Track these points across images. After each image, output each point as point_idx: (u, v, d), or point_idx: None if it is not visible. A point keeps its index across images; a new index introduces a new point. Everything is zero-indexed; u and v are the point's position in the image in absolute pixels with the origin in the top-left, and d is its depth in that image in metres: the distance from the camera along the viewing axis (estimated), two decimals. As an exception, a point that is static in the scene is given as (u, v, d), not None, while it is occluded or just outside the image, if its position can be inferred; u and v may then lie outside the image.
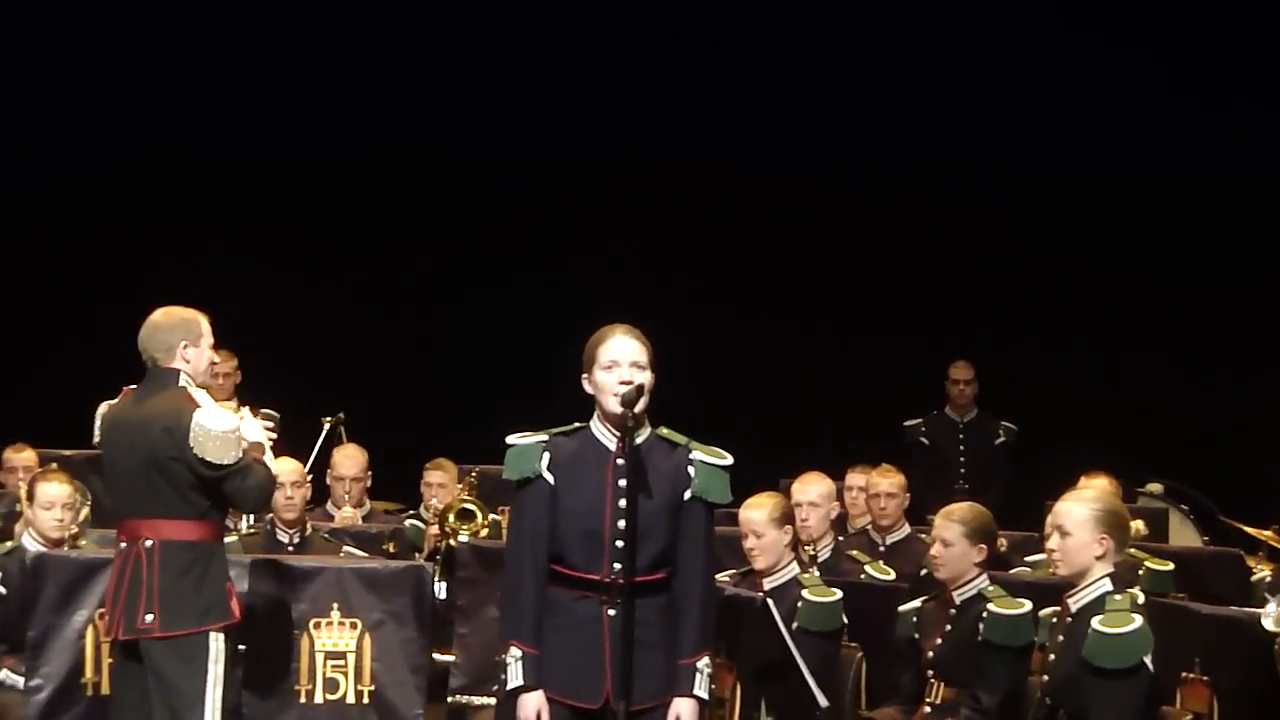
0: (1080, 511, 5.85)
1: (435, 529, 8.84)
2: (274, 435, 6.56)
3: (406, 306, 12.45)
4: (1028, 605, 6.54)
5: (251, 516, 8.71)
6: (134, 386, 6.45)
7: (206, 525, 6.31)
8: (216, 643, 6.24)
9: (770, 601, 6.60)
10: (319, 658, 6.94)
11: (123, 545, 6.31)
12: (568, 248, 12.23)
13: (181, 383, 6.34)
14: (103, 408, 6.49)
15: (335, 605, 6.97)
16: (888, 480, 8.91)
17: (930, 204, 12.22)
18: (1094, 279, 12.07)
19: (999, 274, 12.24)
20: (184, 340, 6.38)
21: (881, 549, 8.76)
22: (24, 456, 9.28)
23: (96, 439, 6.50)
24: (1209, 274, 11.95)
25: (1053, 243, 12.22)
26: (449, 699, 7.54)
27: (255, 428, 6.41)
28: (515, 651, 5.45)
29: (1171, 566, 7.76)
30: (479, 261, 12.45)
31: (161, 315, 6.44)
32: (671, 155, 12.23)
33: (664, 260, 12.23)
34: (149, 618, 6.19)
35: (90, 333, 10.21)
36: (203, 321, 6.45)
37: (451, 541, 8.49)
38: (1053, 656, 5.90)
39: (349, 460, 9.44)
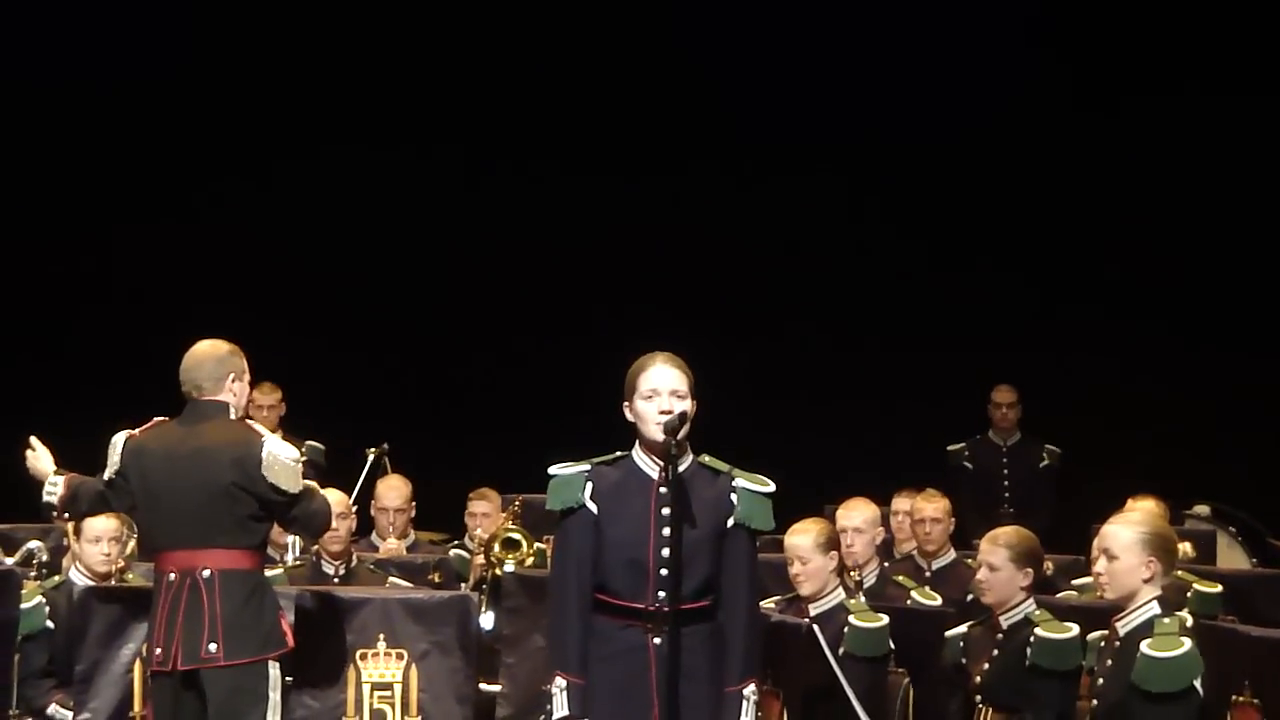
0: (1127, 534, 5.83)
1: (480, 558, 8.83)
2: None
3: (449, 337, 12.47)
4: (1075, 629, 6.51)
5: (297, 548, 8.74)
6: (164, 419, 6.48)
7: (257, 556, 6.43)
8: (275, 670, 6.33)
9: (816, 628, 6.60)
10: (366, 688, 6.95)
11: (171, 577, 6.33)
12: (608, 278, 12.24)
13: (231, 415, 6.41)
14: (121, 437, 6.48)
15: (381, 636, 6.98)
16: (932, 505, 8.89)
17: (969, 227, 12.20)
18: (1139, 300, 12.03)
19: (1042, 296, 12.21)
20: (232, 373, 6.47)
21: (927, 574, 8.73)
22: (71, 491, 9.31)
23: (116, 466, 6.45)
24: (1252, 296, 11.92)
25: (1096, 264, 12.19)
26: (496, 728, 7.54)
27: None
28: (560, 681, 5.45)
29: (1220, 589, 7.71)
30: (522, 294, 12.47)
31: (209, 347, 6.50)
32: (707, 189, 12.26)
33: (704, 289, 12.22)
34: (213, 647, 6.24)
35: (135, 369, 10.25)
36: (243, 357, 6.54)
37: (497, 571, 8.49)
38: (1101, 680, 5.87)
39: (393, 491, 9.45)
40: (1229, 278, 11.99)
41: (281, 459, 6.31)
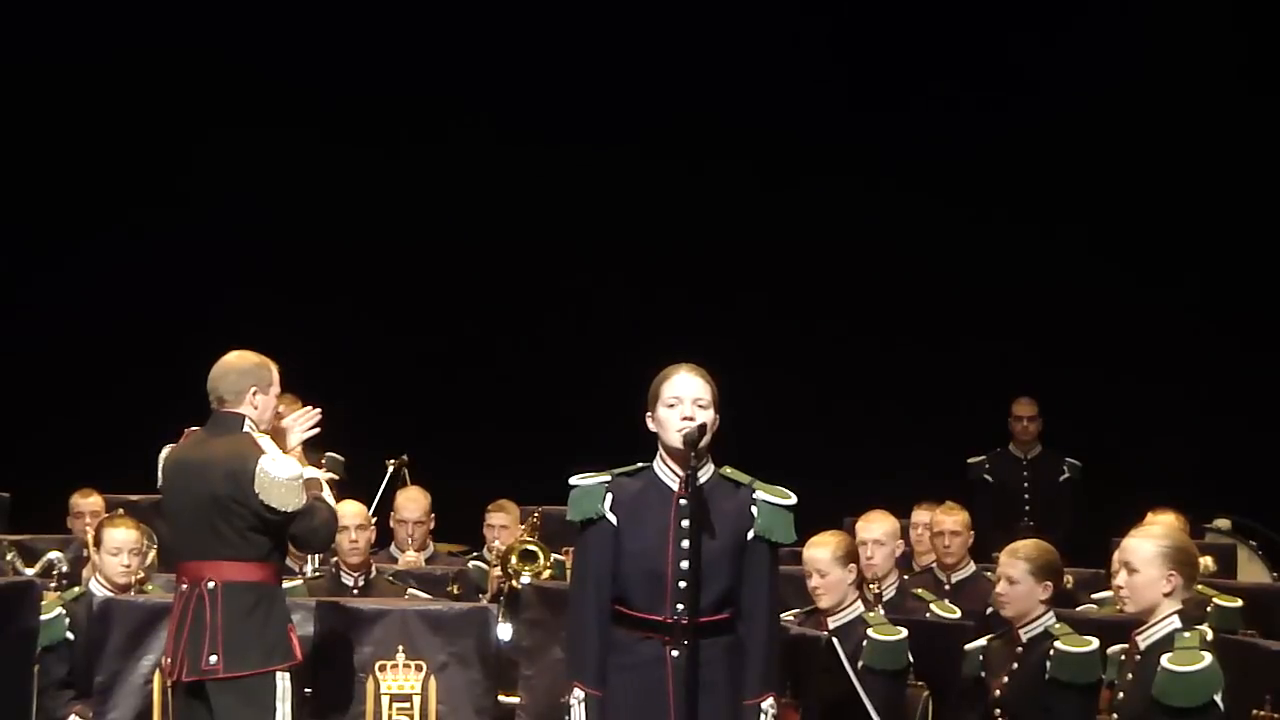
0: (1148, 548, 5.81)
1: (498, 570, 8.83)
2: (334, 475, 6.61)
3: (469, 348, 12.47)
4: (1095, 643, 6.49)
5: (316, 560, 8.73)
6: (195, 429, 6.50)
7: (267, 567, 6.36)
8: (283, 682, 6.28)
9: (835, 640, 6.58)
10: (384, 700, 6.94)
11: (183, 587, 6.34)
12: (630, 290, 12.23)
13: (246, 428, 6.39)
14: (165, 451, 6.54)
15: (400, 647, 6.97)
16: (952, 518, 8.87)
17: (992, 237, 12.18)
18: (1160, 312, 12.00)
19: (1062, 308, 12.19)
20: (254, 386, 6.43)
21: (946, 587, 8.72)
22: (91, 502, 9.35)
23: (159, 482, 6.54)
24: (1277, 308, 11.90)
25: (1116, 275, 12.17)
26: (514, 740, 7.53)
27: (310, 470, 6.49)
28: (578, 693, 5.45)
29: (1240, 603, 7.69)
30: (542, 306, 12.47)
31: (236, 358, 6.49)
32: (728, 191, 12.26)
33: (726, 299, 12.21)
34: (213, 659, 6.22)
35: (157, 377, 10.27)
36: (273, 369, 6.52)
37: (514, 583, 8.49)
38: (1121, 694, 5.85)
39: (412, 503, 9.46)
40: (1252, 290, 11.96)
41: (273, 477, 6.22)
